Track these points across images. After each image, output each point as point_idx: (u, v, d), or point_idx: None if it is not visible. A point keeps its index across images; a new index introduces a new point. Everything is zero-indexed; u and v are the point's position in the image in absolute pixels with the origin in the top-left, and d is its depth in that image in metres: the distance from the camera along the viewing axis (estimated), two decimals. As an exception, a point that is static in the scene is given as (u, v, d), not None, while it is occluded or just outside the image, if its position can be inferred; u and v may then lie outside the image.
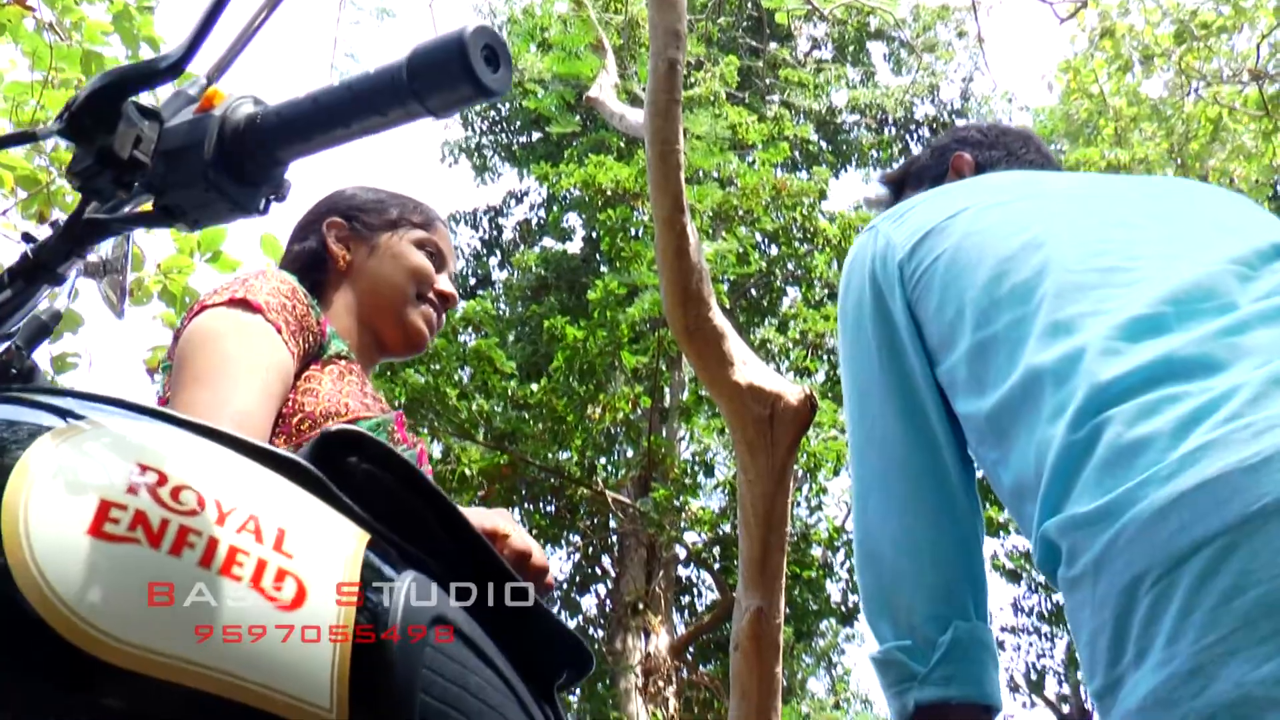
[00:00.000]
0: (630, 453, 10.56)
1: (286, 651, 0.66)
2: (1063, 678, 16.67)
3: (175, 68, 0.76)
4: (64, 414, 0.71)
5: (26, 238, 0.81)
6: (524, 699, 0.83)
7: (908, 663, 1.25)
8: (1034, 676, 16.32)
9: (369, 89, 0.73)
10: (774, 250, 11.19)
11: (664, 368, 10.01)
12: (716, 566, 10.11)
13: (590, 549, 10.76)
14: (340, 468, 0.79)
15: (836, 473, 9.04)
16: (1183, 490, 0.90)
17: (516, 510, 10.29)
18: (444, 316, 1.72)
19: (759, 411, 5.10)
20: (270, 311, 1.40)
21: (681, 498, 9.43)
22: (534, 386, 9.26)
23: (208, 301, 1.41)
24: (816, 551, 9.34)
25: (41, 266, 0.80)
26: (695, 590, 11.41)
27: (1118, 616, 0.94)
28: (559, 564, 11.17)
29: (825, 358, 10.59)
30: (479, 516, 1.25)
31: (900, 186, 1.72)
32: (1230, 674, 0.84)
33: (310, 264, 1.64)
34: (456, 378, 9.18)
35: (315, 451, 0.79)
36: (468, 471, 9.31)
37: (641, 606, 10.03)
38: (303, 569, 0.69)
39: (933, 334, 1.26)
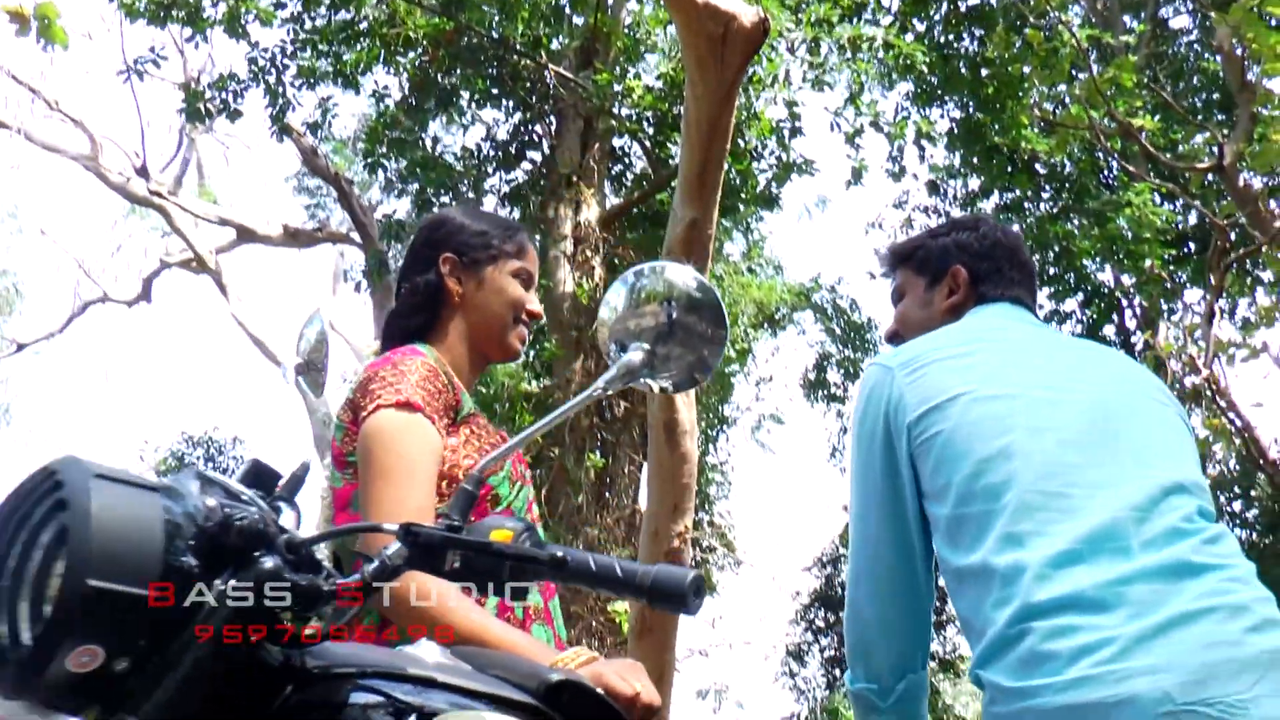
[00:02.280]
0: (578, 21, 10.46)
1: None
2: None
3: None
4: (424, 705, 1.18)
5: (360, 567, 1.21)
6: None
7: (875, 701, 1.85)
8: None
9: (614, 579, 1.16)
10: None
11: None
12: (650, 141, 10.32)
13: (528, 117, 10.86)
14: (559, 701, 1.30)
15: (773, 82, 9.13)
16: (1067, 704, 1.47)
17: (457, 73, 10.28)
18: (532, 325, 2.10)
19: (712, 29, 5.19)
20: (427, 408, 1.84)
21: (623, 83, 9.51)
22: (483, -45, 9.02)
23: (382, 401, 1.86)
24: (750, 143, 9.56)
25: (367, 594, 1.17)
26: (627, 160, 11.66)
27: None
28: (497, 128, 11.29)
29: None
30: (619, 677, 1.60)
31: (904, 261, 2.09)
32: None
33: (431, 297, 2.04)
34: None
35: (547, 694, 1.30)
36: (412, 34, 9.26)
37: (575, 179, 10.33)
38: None
39: (925, 484, 1.75)
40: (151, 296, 17.14)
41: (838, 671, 17.91)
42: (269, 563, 1.09)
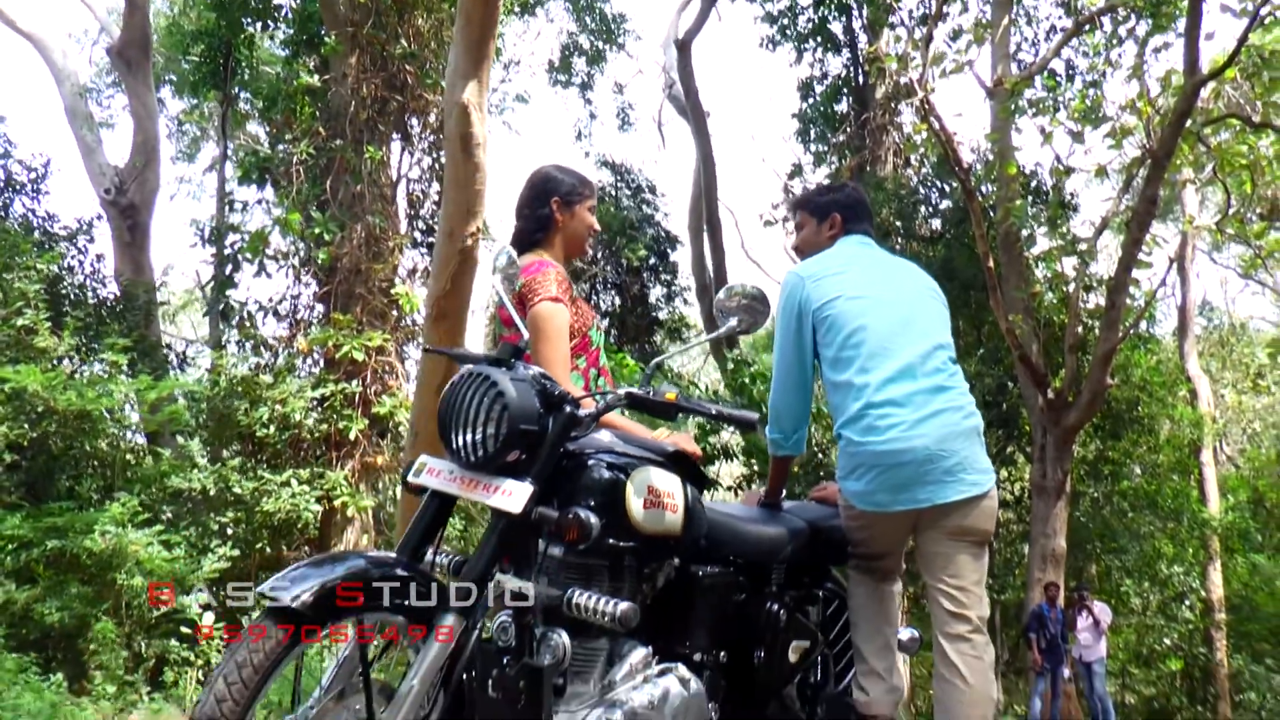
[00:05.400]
0: None
1: (672, 520, 2.79)
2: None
3: None
4: (623, 463, 2.72)
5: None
6: (701, 501, 2.98)
7: (782, 442, 3.55)
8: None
9: (724, 416, 2.69)
10: None
11: None
12: None
13: None
14: (675, 458, 2.90)
15: None
16: (884, 450, 3.22)
17: None
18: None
19: None
20: (564, 300, 3.00)
21: None
22: None
23: (543, 295, 3.26)
24: None
25: (598, 418, 2.72)
26: None
27: (851, 467, 3.34)
28: None
29: None
30: (686, 442, 3.11)
31: (803, 207, 3.83)
32: (875, 495, 3.29)
33: (545, 222, 3.22)
34: None
35: (670, 455, 2.88)
36: None
37: None
38: (676, 501, 2.81)
39: (819, 339, 3.41)
40: None
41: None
42: (568, 408, 2.57)
